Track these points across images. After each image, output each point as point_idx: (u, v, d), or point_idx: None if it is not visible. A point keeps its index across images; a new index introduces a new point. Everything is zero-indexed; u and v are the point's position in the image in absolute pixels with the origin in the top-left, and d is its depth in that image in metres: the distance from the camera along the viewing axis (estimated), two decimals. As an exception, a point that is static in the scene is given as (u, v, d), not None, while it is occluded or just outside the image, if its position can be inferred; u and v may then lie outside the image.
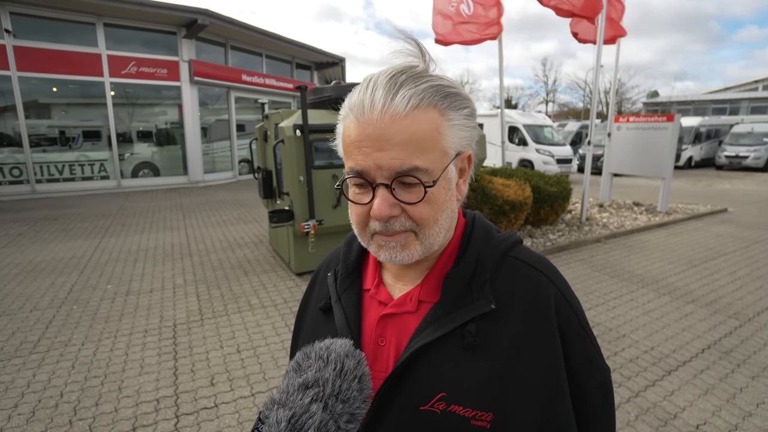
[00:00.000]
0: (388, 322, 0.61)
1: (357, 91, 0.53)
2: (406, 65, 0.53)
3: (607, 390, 0.60)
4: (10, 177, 9.55)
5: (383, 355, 0.60)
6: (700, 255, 5.25)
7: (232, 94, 12.93)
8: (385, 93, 0.50)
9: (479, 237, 0.62)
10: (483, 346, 0.55)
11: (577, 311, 0.60)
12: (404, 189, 0.52)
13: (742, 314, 3.57)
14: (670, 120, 7.35)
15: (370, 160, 0.51)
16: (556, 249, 5.42)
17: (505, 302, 0.57)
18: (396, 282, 0.64)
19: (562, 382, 0.55)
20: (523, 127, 13.01)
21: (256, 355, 2.90)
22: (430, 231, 0.55)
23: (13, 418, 2.25)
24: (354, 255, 0.69)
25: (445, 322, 0.56)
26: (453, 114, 0.53)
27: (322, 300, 0.70)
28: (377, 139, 0.50)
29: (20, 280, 4.30)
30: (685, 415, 2.31)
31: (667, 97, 27.96)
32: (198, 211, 8.12)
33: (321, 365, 0.51)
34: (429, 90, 0.51)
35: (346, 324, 0.63)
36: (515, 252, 0.62)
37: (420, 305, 0.60)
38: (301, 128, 3.92)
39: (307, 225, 4.02)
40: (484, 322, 0.56)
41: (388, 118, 0.49)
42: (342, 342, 0.54)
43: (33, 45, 9.37)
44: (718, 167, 16.91)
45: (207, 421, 2.25)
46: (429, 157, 0.51)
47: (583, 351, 0.58)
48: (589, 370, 0.58)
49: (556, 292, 0.59)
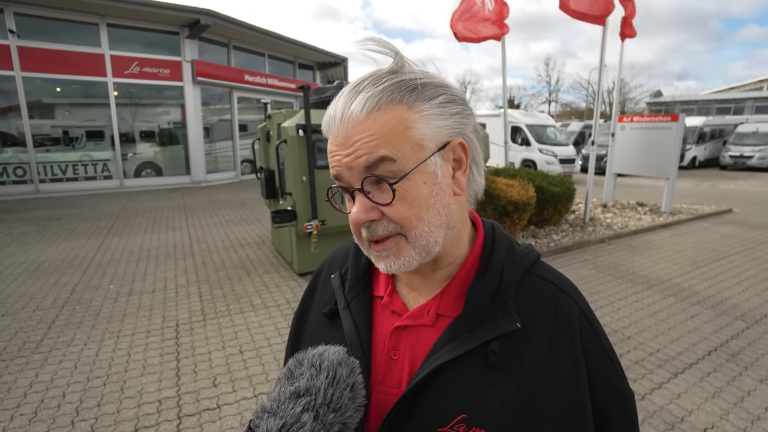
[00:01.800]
0: (402, 335, 0.58)
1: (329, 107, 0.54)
2: (374, 71, 0.52)
3: (631, 416, 0.58)
4: (13, 177, 9.59)
5: (396, 370, 0.57)
6: (706, 256, 5.21)
7: (235, 94, 12.94)
8: (344, 102, 0.50)
9: (502, 250, 0.59)
10: (506, 366, 0.52)
11: (599, 334, 0.58)
12: (378, 190, 0.51)
13: (749, 316, 3.54)
14: (675, 120, 7.30)
15: (342, 165, 0.51)
16: (559, 250, 5.39)
17: (528, 321, 0.54)
18: (410, 291, 0.61)
19: (586, 407, 0.53)
20: (526, 127, 12.98)
21: (259, 356, 2.89)
22: (417, 231, 0.51)
23: (16, 418, 2.25)
24: (364, 258, 0.65)
25: (467, 339, 0.53)
26: (423, 105, 0.50)
27: (326, 305, 0.66)
28: (344, 145, 0.50)
29: (23, 280, 4.30)
30: (693, 418, 2.28)
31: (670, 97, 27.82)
32: (200, 211, 8.13)
33: (313, 373, 0.49)
34: (388, 89, 0.49)
35: (356, 334, 0.59)
36: (537, 269, 0.60)
37: (438, 319, 0.57)
38: (304, 128, 3.91)
39: (310, 225, 4.01)
40: (508, 341, 0.53)
41: (349, 125, 0.50)
42: (335, 349, 0.53)
43: (36, 45, 9.41)
44: (723, 167, 16.81)
45: (209, 422, 2.24)
46: (396, 148, 0.49)
47: (606, 375, 0.56)
48: (613, 396, 0.56)
49: (580, 313, 0.57)
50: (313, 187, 3.99)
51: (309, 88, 3.96)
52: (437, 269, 0.58)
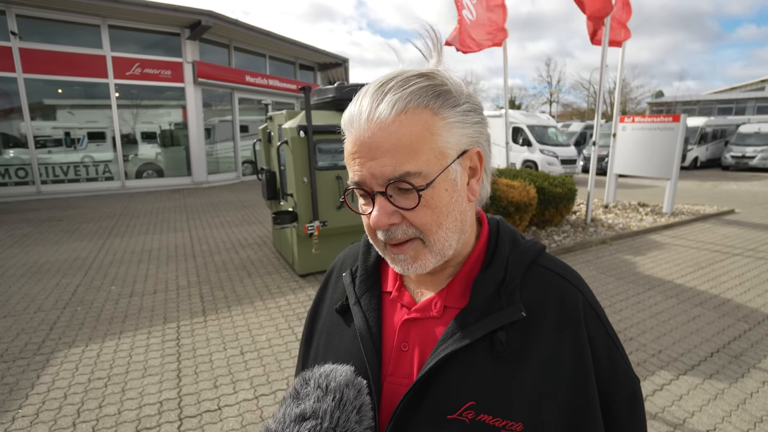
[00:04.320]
0: (412, 327, 0.59)
1: (351, 104, 0.54)
2: (400, 71, 0.53)
3: (637, 401, 0.59)
4: (15, 178, 9.61)
5: (406, 361, 0.58)
6: (707, 256, 5.20)
7: (236, 95, 12.96)
8: (371, 102, 0.50)
9: (506, 243, 0.61)
10: (513, 354, 0.53)
11: (604, 321, 0.59)
12: (401, 195, 0.51)
13: (752, 317, 3.52)
14: (676, 120, 7.29)
15: (365, 170, 0.51)
16: (561, 250, 5.38)
17: (534, 311, 0.56)
18: (418, 286, 0.63)
19: (593, 394, 0.54)
20: (527, 127, 12.96)
21: (260, 357, 2.88)
22: (435, 237, 0.53)
23: (17, 420, 2.25)
24: (374, 256, 0.67)
25: (474, 329, 0.54)
26: (448, 112, 0.51)
27: (338, 301, 0.68)
28: (368, 148, 0.50)
29: (25, 281, 4.31)
30: (695, 420, 2.27)
31: (672, 97, 27.75)
32: (202, 212, 8.14)
33: (320, 395, 0.49)
34: (416, 92, 0.50)
35: (367, 327, 0.61)
36: (542, 260, 0.61)
37: (445, 311, 0.58)
38: (305, 129, 3.91)
39: (311, 226, 4.01)
40: (514, 330, 0.54)
41: (375, 127, 0.49)
42: (343, 369, 0.53)
43: (38, 47, 9.44)
44: (724, 168, 16.77)
45: (210, 423, 2.24)
46: (421, 159, 0.50)
47: (612, 362, 0.57)
48: (618, 382, 0.57)
49: (584, 301, 0.58)
50: (314, 189, 3.99)
51: (310, 89, 3.96)
52: (445, 267, 0.60)
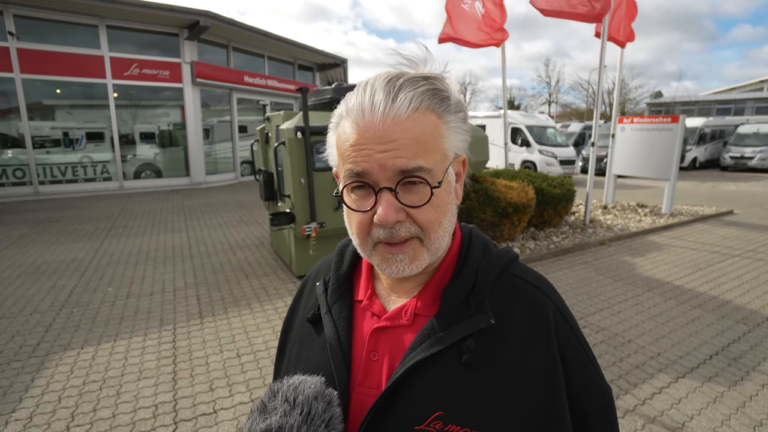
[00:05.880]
0: (381, 336, 0.58)
1: (353, 96, 0.53)
2: (401, 71, 0.53)
3: (609, 411, 0.58)
4: (13, 178, 9.58)
5: (375, 371, 0.57)
6: (706, 258, 5.19)
7: (234, 95, 12.94)
8: (385, 95, 0.49)
9: (478, 251, 0.61)
10: (481, 363, 0.53)
11: (575, 330, 0.59)
12: (408, 192, 0.51)
13: (751, 319, 3.51)
14: (675, 121, 7.29)
15: (373, 161, 0.49)
16: (559, 252, 5.37)
17: (504, 319, 0.55)
18: (390, 294, 0.62)
19: (563, 403, 0.53)
20: (526, 128, 12.97)
21: (256, 360, 2.87)
22: (435, 235, 0.53)
23: (11, 423, 2.23)
24: (346, 264, 0.66)
25: (443, 337, 0.53)
26: (450, 117, 0.53)
27: (310, 311, 0.67)
28: (379, 140, 0.49)
29: (21, 283, 4.29)
30: (694, 424, 2.25)
31: (670, 98, 27.76)
32: (199, 212, 8.11)
33: (287, 409, 0.47)
34: (427, 94, 0.51)
35: (337, 337, 0.60)
36: (513, 268, 0.61)
37: (415, 319, 0.58)
38: (302, 130, 3.89)
39: (309, 228, 3.99)
40: (483, 338, 0.54)
41: (390, 120, 0.49)
42: (312, 381, 0.51)
43: (36, 47, 9.41)
44: (723, 168, 16.77)
45: (205, 427, 2.22)
46: (432, 157, 0.51)
47: (583, 371, 0.56)
48: (590, 392, 0.56)
49: (555, 310, 0.58)
50: (311, 190, 3.97)
51: (307, 90, 3.94)
52: (419, 273, 0.59)
